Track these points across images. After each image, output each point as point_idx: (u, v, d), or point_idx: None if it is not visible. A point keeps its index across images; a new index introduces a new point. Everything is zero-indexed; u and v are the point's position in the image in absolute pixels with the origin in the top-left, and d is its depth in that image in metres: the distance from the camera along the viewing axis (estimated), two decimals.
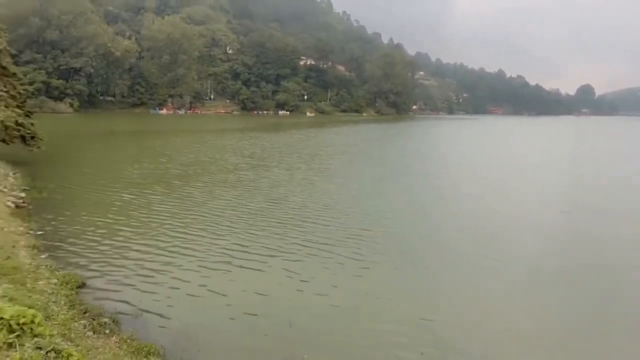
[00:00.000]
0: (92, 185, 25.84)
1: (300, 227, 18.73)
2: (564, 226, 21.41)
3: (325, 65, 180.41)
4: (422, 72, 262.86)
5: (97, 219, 18.83)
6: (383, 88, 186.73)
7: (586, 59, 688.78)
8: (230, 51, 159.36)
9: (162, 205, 21.63)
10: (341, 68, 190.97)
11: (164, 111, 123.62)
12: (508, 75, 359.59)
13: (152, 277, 13.27)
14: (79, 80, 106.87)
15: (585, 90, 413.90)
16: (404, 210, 23.08)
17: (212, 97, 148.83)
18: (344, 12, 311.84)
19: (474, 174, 37.19)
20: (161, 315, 11.05)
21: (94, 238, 16.49)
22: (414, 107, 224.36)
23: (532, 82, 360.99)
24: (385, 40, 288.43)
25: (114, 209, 20.69)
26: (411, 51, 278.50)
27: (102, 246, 15.73)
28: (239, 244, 16.25)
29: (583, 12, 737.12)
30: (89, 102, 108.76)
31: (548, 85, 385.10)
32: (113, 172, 31.21)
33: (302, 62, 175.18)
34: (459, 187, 30.69)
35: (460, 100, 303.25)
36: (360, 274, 14.24)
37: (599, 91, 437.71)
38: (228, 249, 15.74)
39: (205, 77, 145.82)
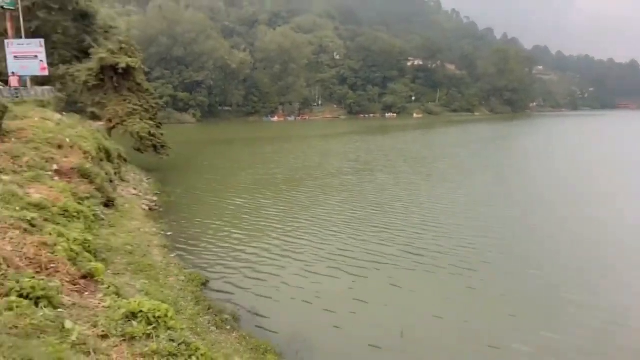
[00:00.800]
0: (212, 190, 28.16)
1: (407, 234, 18.62)
2: None
3: (433, 65, 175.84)
4: (540, 67, 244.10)
5: (216, 222, 20.53)
6: (497, 85, 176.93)
7: None
8: (337, 57, 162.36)
9: (271, 210, 22.89)
10: (451, 67, 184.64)
11: (275, 118, 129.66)
12: None
13: (264, 280, 14.17)
14: (201, 92, 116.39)
15: None
16: (519, 220, 21.64)
17: (319, 102, 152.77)
18: (453, 10, 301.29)
19: (608, 178, 33.71)
20: (274, 317, 11.78)
21: (213, 240, 18.04)
22: (532, 104, 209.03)
23: None
24: (498, 35, 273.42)
25: (229, 213, 22.38)
26: (528, 45, 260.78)
27: (220, 248, 17.15)
28: (344, 250, 16.64)
29: None
30: (209, 112, 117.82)
31: None
32: (229, 177, 33.65)
33: (409, 63, 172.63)
34: (585, 193, 28.12)
35: (586, 95, 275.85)
36: (473, 285, 13.76)
37: None
38: (334, 255, 16.22)
39: (313, 84, 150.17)
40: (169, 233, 18.71)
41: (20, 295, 6.38)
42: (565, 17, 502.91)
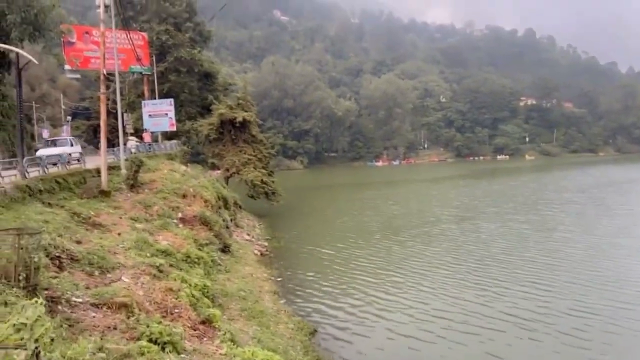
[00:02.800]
0: (315, 237, 28.45)
1: (511, 294, 16.64)
2: None
3: (548, 104, 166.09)
4: None
5: (319, 270, 20.73)
6: (624, 123, 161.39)
7: None
8: (443, 100, 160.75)
9: (368, 259, 22.34)
10: (569, 105, 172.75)
11: (379, 163, 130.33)
12: None
13: (368, 335, 13.78)
14: (308, 140, 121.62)
15: None
16: None
17: (425, 145, 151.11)
18: (569, 45, 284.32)
19: None
20: None
21: (319, 287, 18.21)
22: None
23: None
24: (623, 69, 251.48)
25: (329, 260, 22.47)
26: None
27: (325, 296, 17.22)
28: (443, 310, 15.29)
29: None
30: (316, 159, 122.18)
31: None
32: (330, 224, 33.82)
33: (521, 103, 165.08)
34: None
35: None
36: None
37: None
38: (433, 311, 15.20)
39: (418, 127, 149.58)
40: (279, 278, 19.28)
41: (150, 340, 6.97)
42: None
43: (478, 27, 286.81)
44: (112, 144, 27.03)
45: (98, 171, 19.14)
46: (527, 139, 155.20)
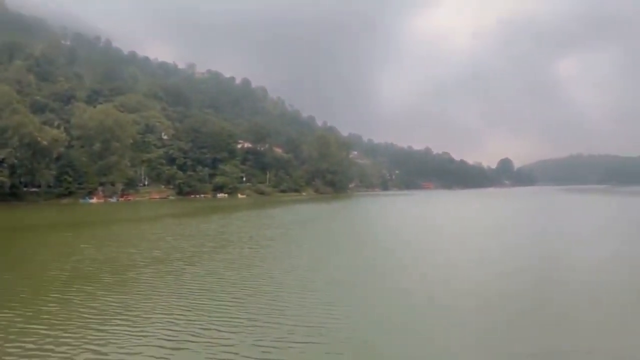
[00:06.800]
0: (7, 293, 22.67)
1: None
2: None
3: (262, 148, 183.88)
4: (356, 152, 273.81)
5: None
6: (320, 168, 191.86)
7: (505, 135, 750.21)
8: (165, 137, 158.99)
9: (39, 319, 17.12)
10: (279, 150, 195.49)
11: (94, 200, 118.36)
12: (435, 152, 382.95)
13: None
14: (2, 171, 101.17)
15: (505, 164, 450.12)
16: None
17: (146, 182, 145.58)
18: (279, 98, 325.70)
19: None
20: None
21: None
22: (351, 185, 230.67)
23: (457, 158, 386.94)
24: (319, 123, 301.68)
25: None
26: (344, 132, 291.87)
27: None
28: None
29: (496, 92, 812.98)
30: (11, 194, 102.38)
31: (471, 160, 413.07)
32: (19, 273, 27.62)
33: (239, 146, 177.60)
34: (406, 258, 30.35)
35: (393, 176, 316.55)
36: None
37: (517, 164, 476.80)
38: None
39: (139, 163, 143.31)
40: None
41: None
42: (376, 109, 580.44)
43: (199, 69, 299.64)
44: None
45: None
46: (244, 179, 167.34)
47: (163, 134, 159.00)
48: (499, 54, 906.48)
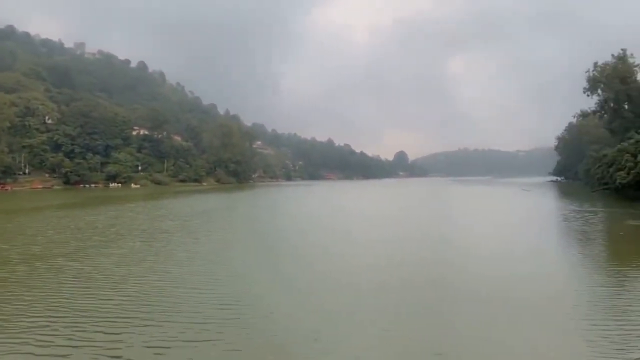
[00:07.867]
0: None
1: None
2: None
3: (160, 135, 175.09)
4: (259, 142, 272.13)
5: None
6: (222, 157, 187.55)
7: (401, 129, 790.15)
8: (50, 121, 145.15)
9: None
10: (178, 138, 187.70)
11: None
12: (337, 144, 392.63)
13: None
14: None
15: (401, 156, 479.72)
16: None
17: (27, 171, 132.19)
18: (178, 84, 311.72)
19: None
20: None
21: None
22: (254, 175, 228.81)
23: (358, 150, 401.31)
24: (221, 111, 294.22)
25: None
26: (247, 122, 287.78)
27: None
28: None
29: (392, 88, 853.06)
30: None
31: (370, 152, 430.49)
32: None
33: (134, 132, 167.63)
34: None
35: (297, 167, 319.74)
36: None
37: (411, 156, 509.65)
38: None
39: (18, 150, 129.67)
40: None
41: None
42: (279, 100, 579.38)
43: (90, 50, 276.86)
44: None
45: None
46: (139, 168, 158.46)
47: (47, 117, 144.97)
48: (394, 53, 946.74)
